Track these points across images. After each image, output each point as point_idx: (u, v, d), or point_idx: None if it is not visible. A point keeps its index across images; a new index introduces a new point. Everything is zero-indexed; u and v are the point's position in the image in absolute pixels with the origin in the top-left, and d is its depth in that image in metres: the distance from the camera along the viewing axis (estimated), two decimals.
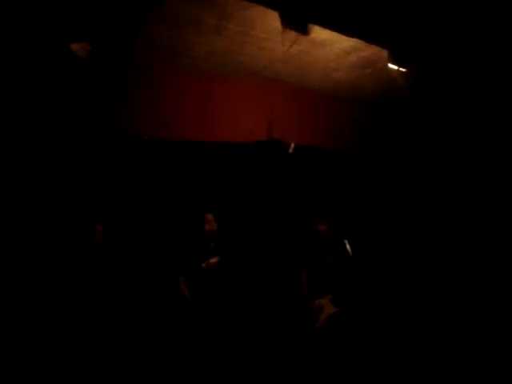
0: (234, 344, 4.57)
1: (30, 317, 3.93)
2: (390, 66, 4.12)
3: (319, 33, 3.86)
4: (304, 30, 3.46)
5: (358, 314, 4.86)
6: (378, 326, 5.09)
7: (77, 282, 4.18)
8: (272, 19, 3.64)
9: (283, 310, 5.12)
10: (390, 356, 4.56)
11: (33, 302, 4.02)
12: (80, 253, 4.36)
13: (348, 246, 5.06)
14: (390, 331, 5.07)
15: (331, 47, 4.28)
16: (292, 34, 3.81)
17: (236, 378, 4.15)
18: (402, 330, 5.12)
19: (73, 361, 3.79)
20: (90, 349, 3.91)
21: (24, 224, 4.34)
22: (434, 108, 5.92)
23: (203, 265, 4.41)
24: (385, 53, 4.15)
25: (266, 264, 5.60)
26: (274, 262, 5.64)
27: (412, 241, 6.36)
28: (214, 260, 4.47)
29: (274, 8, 3.29)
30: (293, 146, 5.59)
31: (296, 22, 3.34)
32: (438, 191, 6.31)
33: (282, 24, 3.42)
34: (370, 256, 5.99)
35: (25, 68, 3.87)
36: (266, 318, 5.11)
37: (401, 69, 4.15)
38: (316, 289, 4.74)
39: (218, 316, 4.43)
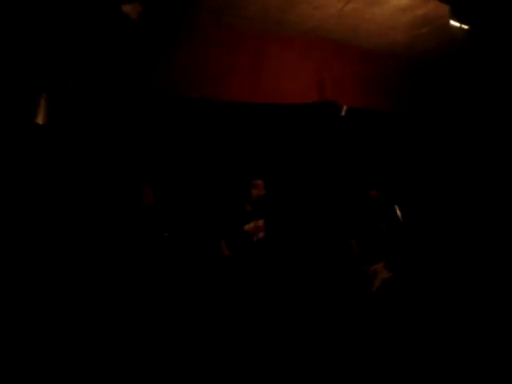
0: (282, 309, 4.63)
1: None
2: (452, 23, 3.93)
3: None
4: None
5: (412, 279, 4.84)
6: (429, 293, 5.07)
7: (130, 244, 4.29)
8: None
9: (337, 276, 5.14)
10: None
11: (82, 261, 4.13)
12: (131, 215, 4.45)
13: (398, 212, 5.00)
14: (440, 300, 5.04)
15: (387, 4, 4.13)
16: None
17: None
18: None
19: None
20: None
21: (75, 185, 4.42)
22: (495, 70, 5.62)
23: (246, 227, 4.43)
24: (444, 9, 3.95)
25: (314, 230, 5.60)
26: (323, 227, 5.64)
27: (461, 209, 6.22)
28: (257, 223, 4.47)
29: None
30: (345, 108, 5.47)
31: None
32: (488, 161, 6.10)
33: None
34: (420, 222, 5.89)
35: (79, 31, 3.92)
36: (316, 285, 5.13)
37: (463, 26, 3.94)
38: (369, 254, 4.73)
39: (263, 282, 4.47)
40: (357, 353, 4.04)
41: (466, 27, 4.00)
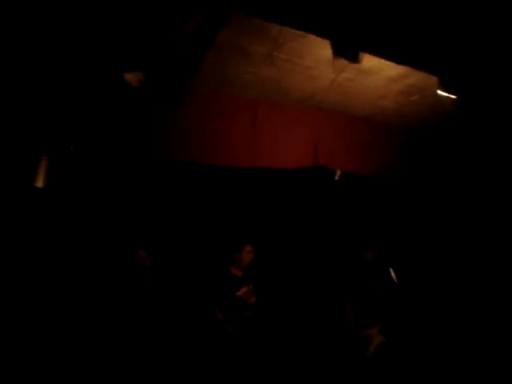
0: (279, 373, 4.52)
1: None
2: (440, 92, 4.08)
3: (367, 61, 3.85)
4: (355, 59, 3.48)
5: (407, 343, 4.74)
6: (426, 354, 4.96)
7: (126, 306, 4.23)
8: (321, 49, 3.70)
9: (331, 341, 5.04)
10: None
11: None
12: (128, 278, 4.40)
13: (393, 274, 4.99)
14: (439, 360, 4.92)
15: (378, 75, 4.30)
16: (340, 63, 3.83)
17: None
18: (453, 360, 4.94)
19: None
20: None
21: (68, 252, 4.42)
22: (483, 136, 5.80)
23: (238, 293, 4.36)
24: (432, 79, 4.12)
25: (310, 293, 5.54)
26: (317, 291, 5.58)
27: (456, 268, 6.20)
28: (248, 288, 4.41)
29: (325, 37, 3.33)
30: (339, 173, 5.57)
31: (347, 50, 3.37)
32: (483, 222, 6.14)
33: (332, 53, 3.45)
34: (415, 284, 5.85)
35: (80, 96, 4.02)
36: (311, 348, 5.03)
37: (450, 95, 4.09)
38: (364, 318, 4.66)
39: (258, 346, 4.37)
40: None
41: (453, 97, 4.16)
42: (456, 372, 4.66)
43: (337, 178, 5.57)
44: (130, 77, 3.94)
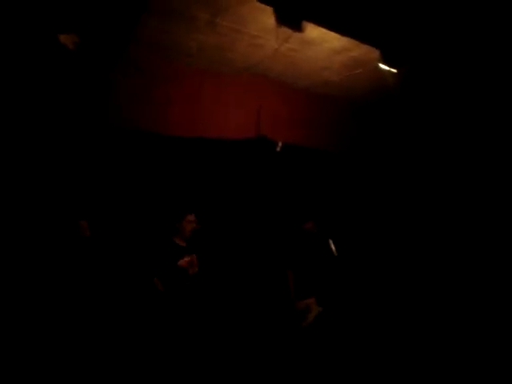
0: (217, 344, 4.55)
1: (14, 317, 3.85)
2: (381, 66, 4.12)
3: (310, 31, 3.83)
4: (298, 27, 3.43)
5: (345, 313, 4.87)
6: (364, 324, 5.12)
7: (63, 279, 4.10)
8: (265, 16, 3.61)
9: (269, 310, 5.10)
10: (375, 354, 4.58)
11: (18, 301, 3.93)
12: (66, 249, 4.26)
13: (333, 246, 5.06)
14: (375, 330, 5.10)
15: (321, 46, 4.27)
16: (284, 32, 3.77)
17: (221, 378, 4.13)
18: (386, 328, 5.15)
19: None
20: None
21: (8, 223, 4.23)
22: (425, 109, 5.95)
23: (180, 263, 4.30)
24: (375, 53, 4.14)
25: (250, 263, 5.56)
26: (259, 261, 5.61)
27: (395, 240, 6.41)
28: (190, 258, 4.37)
29: (268, 4, 3.25)
30: (280, 144, 5.55)
31: (290, 18, 3.30)
32: (425, 191, 6.37)
33: (275, 21, 3.37)
34: (354, 255, 6.00)
35: (10, 61, 3.75)
36: (250, 318, 5.07)
37: (392, 69, 4.14)
38: (303, 288, 4.73)
39: (198, 316, 4.37)
40: None
41: (394, 71, 4.21)
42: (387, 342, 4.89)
43: (278, 149, 5.55)
44: (65, 38, 3.71)
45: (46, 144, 4.40)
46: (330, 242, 5.10)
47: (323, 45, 4.23)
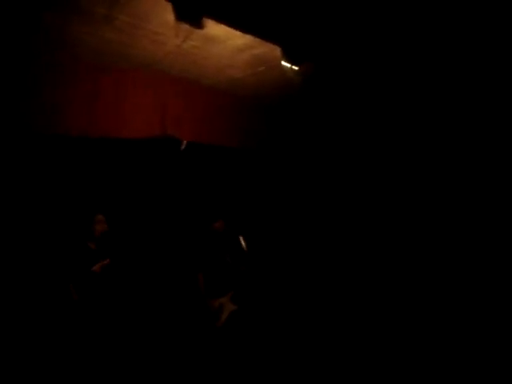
0: (135, 349, 4.42)
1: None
2: (283, 63, 4.19)
3: (212, 28, 3.80)
4: (198, 24, 3.38)
5: (259, 310, 4.92)
6: (282, 320, 5.21)
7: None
8: (165, 12, 3.51)
9: (182, 312, 5.03)
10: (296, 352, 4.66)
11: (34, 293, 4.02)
12: None
13: (243, 243, 5.10)
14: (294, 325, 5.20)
15: (224, 44, 4.25)
16: (185, 28, 3.71)
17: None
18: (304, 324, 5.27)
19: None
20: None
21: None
22: (327, 106, 6.15)
23: (94, 268, 4.13)
24: (277, 51, 4.20)
25: (160, 265, 5.45)
26: (169, 262, 5.51)
27: (305, 234, 6.59)
28: (104, 262, 4.20)
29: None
30: (185, 142, 5.48)
31: (190, 15, 3.24)
32: (332, 186, 6.59)
33: (175, 17, 3.30)
34: (265, 251, 6.09)
35: None
36: (164, 320, 4.98)
37: (293, 67, 4.23)
38: (215, 288, 4.71)
39: (111, 320, 4.22)
40: None
41: (296, 68, 4.30)
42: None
43: (183, 147, 5.47)
44: None
45: None
46: (241, 238, 5.13)
47: (226, 42, 4.21)
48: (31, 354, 4.02)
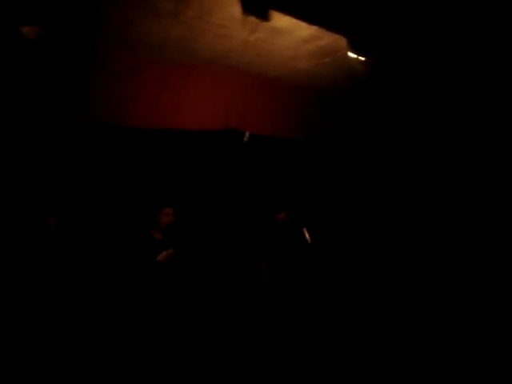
0: (200, 340, 4.52)
1: None
2: (350, 54, 4.11)
3: (278, 20, 3.79)
4: (265, 17, 3.37)
5: (321, 301, 4.90)
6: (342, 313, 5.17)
7: (32, 275, 4.02)
8: (231, 6, 3.55)
9: (248, 301, 5.10)
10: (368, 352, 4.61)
11: None
12: (33, 246, 4.16)
13: (307, 234, 5.07)
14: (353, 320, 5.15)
15: (290, 35, 4.22)
16: (251, 21, 3.72)
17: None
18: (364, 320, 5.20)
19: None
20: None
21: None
22: (393, 98, 5.98)
23: (159, 257, 4.24)
24: (343, 41, 4.13)
25: (225, 255, 5.54)
26: (233, 252, 5.59)
27: (368, 229, 6.47)
28: (169, 252, 4.31)
29: None
30: (248, 134, 5.51)
31: (257, 7, 3.24)
32: (395, 181, 6.43)
33: (242, 10, 3.31)
34: (328, 243, 6.03)
35: None
36: (229, 309, 5.06)
37: (360, 57, 4.13)
38: (279, 277, 4.73)
39: (179, 309, 4.33)
40: None
41: (362, 59, 4.20)
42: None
43: (246, 139, 5.51)
44: (28, 30, 3.58)
45: (12, 139, 4.27)
46: (304, 230, 5.11)
47: (292, 34, 4.18)
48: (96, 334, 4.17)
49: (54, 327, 3.97)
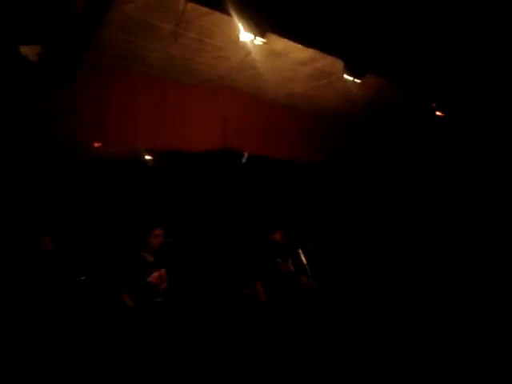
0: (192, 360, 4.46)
1: None
2: (346, 76, 4.17)
3: (275, 43, 3.86)
4: (262, 39, 3.43)
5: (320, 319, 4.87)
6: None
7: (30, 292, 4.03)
8: (229, 28, 3.61)
9: (243, 320, 5.05)
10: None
11: None
12: (30, 264, 4.16)
13: (302, 255, 5.06)
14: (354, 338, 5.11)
15: (287, 57, 4.30)
16: (249, 44, 3.79)
17: None
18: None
19: None
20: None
21: None
22: (392, 119, 6.05)
23: (150, 279, 4.21)
24: (339, 64, 4.20)
25: (220, 276, 5.51)
26: (228, 273, 5.56)
27: (365, 246, 6.48)
28: (160, 273, 4.27)
29: (232, 16, 3.25)
30: (246, 155, 5.56)
31: (255, 30, 3.31)
32: (393, 197, 6.47)
33: (239, 33, 3.38)
34: (326, 262, 6.02)
35: None
36: (224, 329, 5.01)
37: (356, 80, 4.20)
38: (275, 296, 4.70)
39: (170, 332, 4.28)
40: None
41: (358, 81, 4.27)
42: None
43: (244, 160, 5.55)
44: (27, 50, 3.62)
45: (6, 159, 4.28)
46: (300, 251, 5.10)
47: (288, 56, 4.26)
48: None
49: (45, 346, 3.93)
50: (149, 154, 4.93)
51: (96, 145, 4.54)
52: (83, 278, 4.53)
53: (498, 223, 5.34)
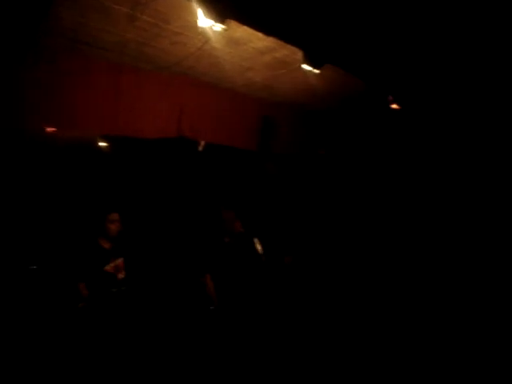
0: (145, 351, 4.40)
1: None
2: (304, 66, 4.15)
3: (235, 30, 3.79)
4: (221, 26, 3.35)
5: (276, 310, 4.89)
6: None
7: None
8: (187, 13, 3.51)
9: (192, 312, 5.01)
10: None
11: None
12: None
13: (258, 245, 5.03)
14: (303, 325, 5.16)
15: (246, 46, 4.23)
16: (207, 30, 3.70)
17: None
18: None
19: None
20: None
21: None
22: (352, 111, 6.11)
23: (107, 267, 4.07)
24: (298, 54, 4.17)
25: (172, 264, 5.43)
26: (180, 262, 5.48)
27: (322, 235, 6.56)
28: (117, 262, 4.15)
29: (190, 1, 3.15)
30: (203, 143, 5.47)
31: (214, 16, 3.22)
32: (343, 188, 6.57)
33: (197, 18, 3.28)
34: (278, 252, 6.03)
35: None
36: (175, 319, 4.96)
37: (314, 70, 4.19)
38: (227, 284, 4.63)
39: (124, 323, 4.18)
40: None
41: (316, 71, 4.26)
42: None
43: (201, 148, 5.46)
44: None
45: None
46: (256, 241, 5.07)
47: (248, 45, 4.19)
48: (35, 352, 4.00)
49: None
50: (104, 140, 4.74)
51: (49, 130, 4.30)
52: (34, 267, 4.33)
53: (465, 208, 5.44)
